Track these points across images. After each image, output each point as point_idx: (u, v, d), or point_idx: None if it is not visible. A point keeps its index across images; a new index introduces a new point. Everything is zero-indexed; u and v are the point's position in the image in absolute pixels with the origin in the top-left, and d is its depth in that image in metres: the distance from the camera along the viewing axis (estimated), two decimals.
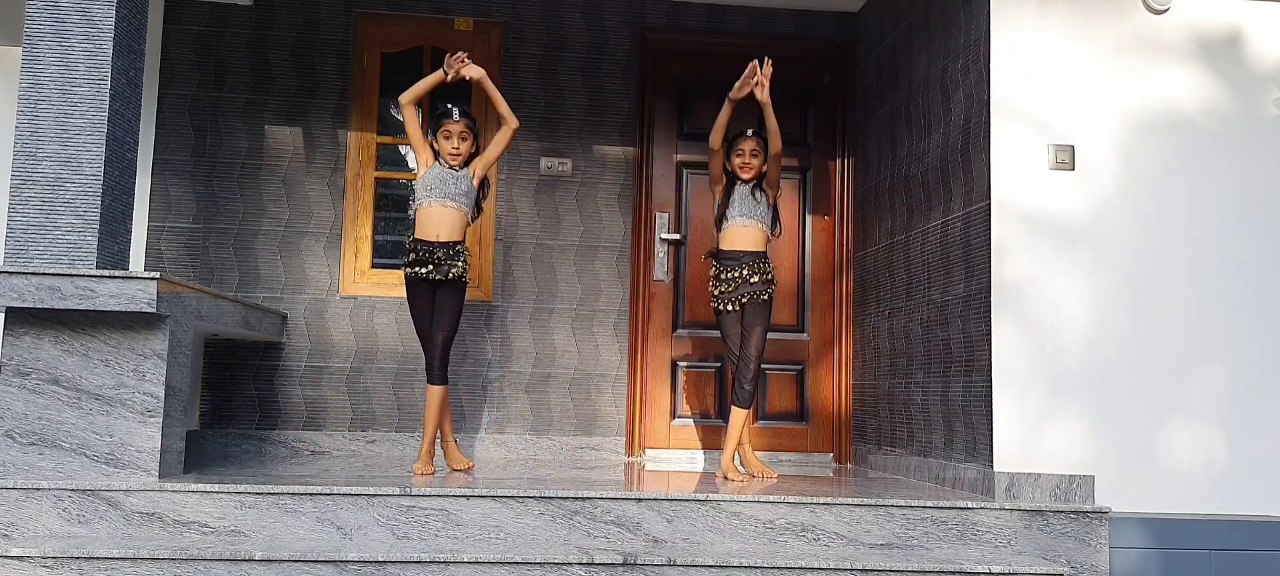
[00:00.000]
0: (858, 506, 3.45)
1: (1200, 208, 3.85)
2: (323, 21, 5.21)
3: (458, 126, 4.07)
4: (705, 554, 3.27)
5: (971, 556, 3.40)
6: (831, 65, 5.50)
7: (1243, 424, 3.78)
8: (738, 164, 4.21)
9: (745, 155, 4.20)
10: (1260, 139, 3.90)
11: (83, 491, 3.27)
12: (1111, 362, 3.75)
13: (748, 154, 4.20)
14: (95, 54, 3.47)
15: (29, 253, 3.41)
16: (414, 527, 3.33)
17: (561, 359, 5.17)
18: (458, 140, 4.08)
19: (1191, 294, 3.81)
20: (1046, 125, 3.81)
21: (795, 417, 5.36)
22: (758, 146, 4.21)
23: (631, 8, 5.35)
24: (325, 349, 5.07)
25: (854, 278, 5.30)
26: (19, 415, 3.38)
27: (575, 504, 3.38)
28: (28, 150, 3.44)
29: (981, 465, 3.74)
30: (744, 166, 4.19)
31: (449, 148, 4.08)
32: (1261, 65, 3.93)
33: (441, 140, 4.09)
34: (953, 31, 4.16)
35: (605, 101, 5.31)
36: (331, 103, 5.19)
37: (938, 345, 4.17)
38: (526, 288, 5.20)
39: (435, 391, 4.07)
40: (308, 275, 5.11)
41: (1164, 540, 3.59)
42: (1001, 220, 3.76)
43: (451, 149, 4.08)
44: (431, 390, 4.08)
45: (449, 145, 4.08)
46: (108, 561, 3.07)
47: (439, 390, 4.07)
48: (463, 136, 4.08)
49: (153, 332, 3.44)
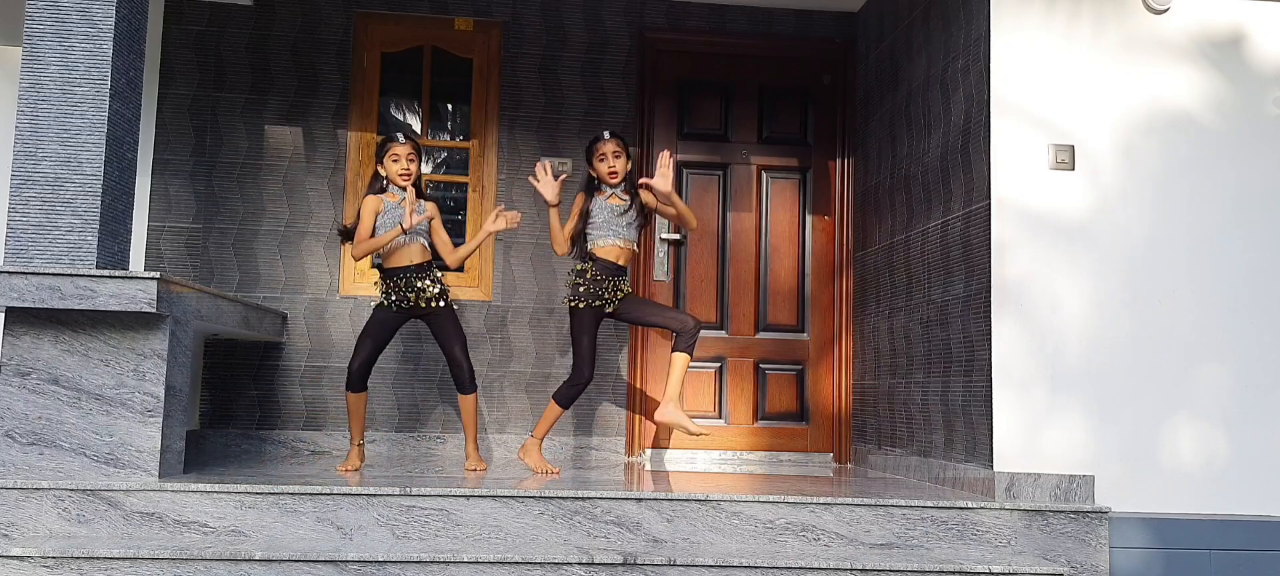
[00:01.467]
0: (858, 506, 3.44)
1: (1201, 208, 3.85)
2: (323, 21, 5.21)
3: (404, 149, 4.14)
4: (705, 554, 3.27)
5: (971, 556, 3.40)
6: (831, 65, 5.50)
7: (1243, 423, 3.78)
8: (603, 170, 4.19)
9: (608, 159, 4.18)
10: (1261, 139, 3.90)
11: (83, 491, 3.27)
12: (1112, 362, 3.75)
13: (610, 156, 4.18)
14: (95, 54, 3.47)
15: (29, 252, 3.41)
16: (414, 527, 3.33)
17: (561, 359, 5.17)
18: (405, 162, 4.14)
19: (1192, 293, 3.81)
20: (1047, 125, 3.81)
21: (795, 417, 5.36)
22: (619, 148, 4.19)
23: (631, 8, 5.35)
24: (325, 349, 5.07)
25: (854, 277, 5.30)
26: (19, 415, 3.38)
27: (575, 504, 3.38)
28: (28, 150, 3.44)
29: (981, 465, 3.74)
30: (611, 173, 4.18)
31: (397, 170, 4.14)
32: (1262, 65, 3.93)
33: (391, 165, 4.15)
34: (953, 31, 4.16)
35: (605, 101, 5.31)
36: (331, 103, 5.19)
37: (938, 345, 4.17)
38: (526, 287, 5.20)
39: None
40: (308, 275, 5.11)
41: (1164, 540, 3.59)
42: (1002, 220, 3.76)
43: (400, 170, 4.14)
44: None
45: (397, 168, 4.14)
46: (108, 561, 3.07)
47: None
48: (410, 158, 4.15)
49: (153, 332, 3.44)
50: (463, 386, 4.20)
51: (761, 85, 5.47)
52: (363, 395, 4.19)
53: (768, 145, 5.46)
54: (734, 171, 5.39)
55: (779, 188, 5.45)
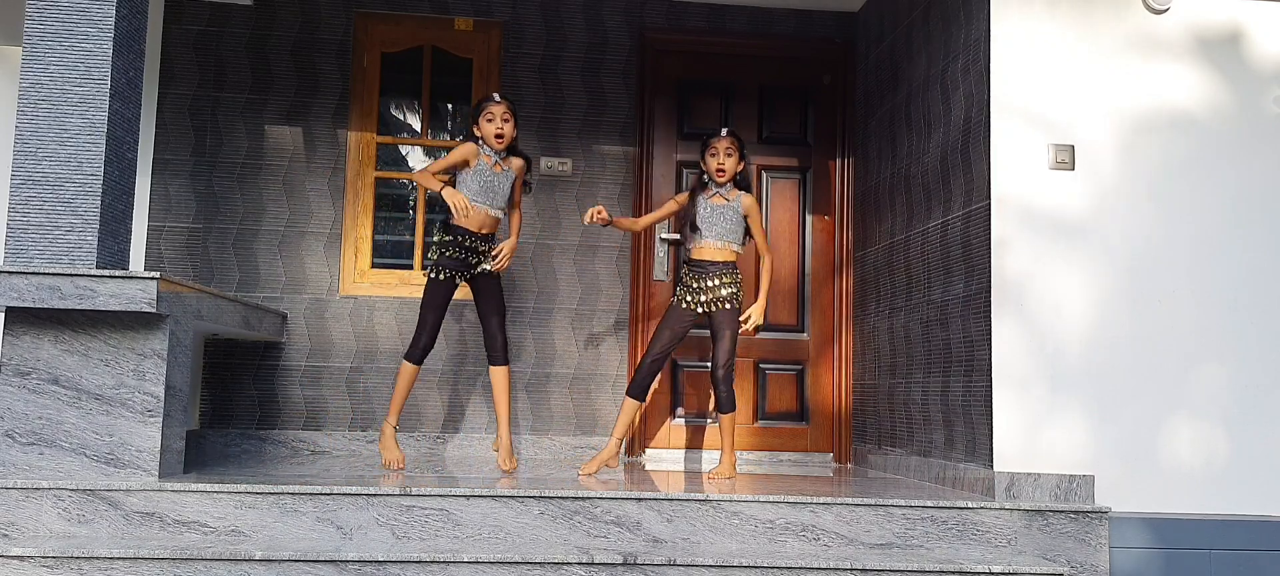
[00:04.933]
0: (858, 506, 3.44)
1: (1201, 207, 3.85)
2: (323, 21, 5.21)
3: (500, 108, 4.14)
4: (705, 554, 3.27)
5: (971, 556, 3.40)
6: (831, 65, 5.50)
7: (1243, 423, 3.78)
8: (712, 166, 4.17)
9: (719, 155, 4.15)
10: (1261, 138, 3.90)
11: (83, 491, 3.27)
12: (1112, 362, 3.75)
13: (722, 153, 4.15)
14: (95, 54, 3.47)
15: (29, 252, 3.41)
16: (414, 527, 3.33)
17: (561, 359, 5.17)
18: (500, 122, 4.14)
19: (1192, 293, 3.81)
20: (1047, 124, 3.81)
21: (795, 417, 5.36)
22: (732, 145, 4.17)
23: (631, 8, 5.35)
24: (325, 349, 5.07)
25: (854, 277, 5.30)
26: (19, 415, 3.38)
27: (575, 504, 3.38)
28: (28, 150, 3.44)
29: (981, 465, 3.74)
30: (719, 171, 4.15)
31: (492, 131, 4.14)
32: (1262, 64, 3.93)
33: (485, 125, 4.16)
34: (953, 31, 4.16)
35: (605, 101, 5.31)
36: (331, 103, 5.19)
37: (938, 345, 4.17)
38: (526, 287, 5.20)
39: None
40: (308, 275, 5.11)
41: (1164, 539, 3.59)
42: (1002, 219, 3.76)
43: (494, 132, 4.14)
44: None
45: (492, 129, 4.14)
46: (108, 561, 3.07)
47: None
48: (505, 118, 4.15)
49: (153, 332, 3.44)
50: (495, 357, 4.23)
51: (761, 85, 5.47)
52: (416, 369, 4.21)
53: (768, 145, 5.46)
54: None
55: (779, 187, 5.45)
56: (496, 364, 4.23)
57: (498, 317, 4.22)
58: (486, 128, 4.12)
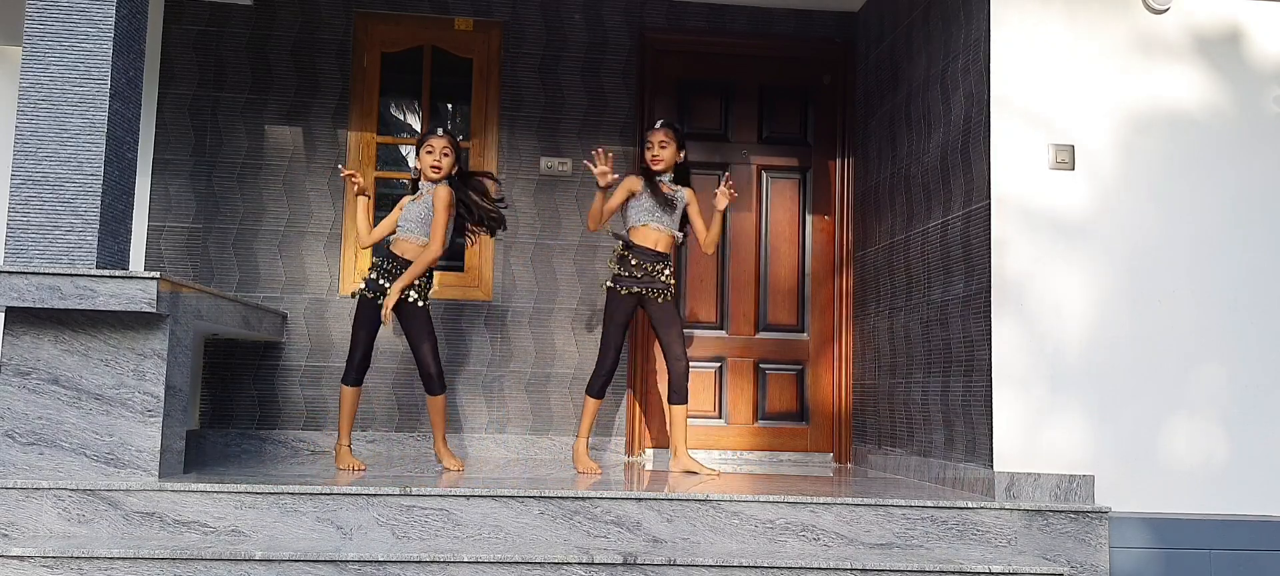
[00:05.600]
0: (858, 506, 3.44)
1: (1200, 207, 3.85)
2: (323, 21, 5.21)
3: (441, 142, 4.13)
4: (705, 553, 3.27)
5: (971, 556, 3.40)
6: (831, 65, 5.50)
7: (1243, 424, 3.78)
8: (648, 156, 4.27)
9: (654, 146, 4.25)
10: (1260, 138, 3.90)
11: (83, 491, 3.27)
12: (1112, 362, 3.75)
13: (656, 144, 4.24)
14: (95, 54, 3.47)
15: (29, 252, 3.41)
16: (414, 527, 3.33)
17: (561, 359, 5.17)
18: (439, 155, 4.12)
19: (1192, 293, 3.81)
20: (1047, 124, 3.81)
21: (795, 417, 5.37)
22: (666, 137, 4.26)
23: (631, 8, 5.35)
24: (325, 349, 5.07)
25: (854, 277, 5.30)
26: (19, 415, 3.38)
27: (575, 504, 3.38)
28: (28, 150, 3.44)
29: (981, 465, 3.74)
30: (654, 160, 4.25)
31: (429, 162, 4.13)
32: (1262, 64, 3.93)
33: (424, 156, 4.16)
34: (953, 31, 4.16)
35: (605, 101, 5.31)
36: (331, 103, 5.19)
37: (938, 344, 4.17)
38: (526, 287, 5.20)
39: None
40: (308, 275, 5.11)
41: (1164, 539, 3.59)
42: (1002, 219, 3.76)
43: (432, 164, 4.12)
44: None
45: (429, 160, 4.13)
46: (108, 561, 3.07)
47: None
48: (444, 152, 4.13)
49: (153, 332, 3.44)
50: (431, 388, 4.17)
51: (761, 85, 5.47)
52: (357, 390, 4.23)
53: (768, 145, 5.46)
54: (734, 171, 5.38)
55: (779, 187, 5.45)
56: (433, 394, 4.18)
57: (428, 347, 4.11)
58: (425, 159, 4.14)
